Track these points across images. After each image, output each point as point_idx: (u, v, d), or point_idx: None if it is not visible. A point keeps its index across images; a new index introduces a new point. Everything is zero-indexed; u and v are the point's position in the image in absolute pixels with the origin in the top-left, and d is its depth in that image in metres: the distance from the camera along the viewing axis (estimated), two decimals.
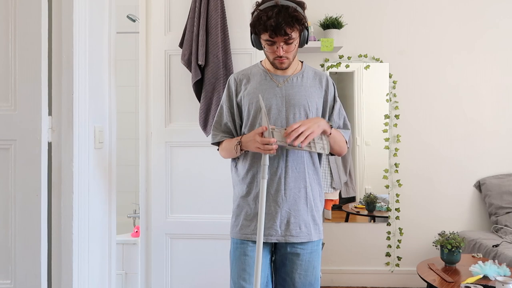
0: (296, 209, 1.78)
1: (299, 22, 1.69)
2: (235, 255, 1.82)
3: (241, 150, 1.77)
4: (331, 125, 1.79)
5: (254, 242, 1.79)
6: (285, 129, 1.67)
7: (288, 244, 1.80)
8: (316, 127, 1.68)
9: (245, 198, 1.82)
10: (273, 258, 1.87)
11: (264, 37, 1.72)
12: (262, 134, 1.67)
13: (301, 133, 1.63)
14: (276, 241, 1.79)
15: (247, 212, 1.81)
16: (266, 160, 1.67)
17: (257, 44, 1.81)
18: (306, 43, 1.82)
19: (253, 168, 1.80)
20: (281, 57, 1.74)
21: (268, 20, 1.65)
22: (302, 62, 1.91)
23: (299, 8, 1.70)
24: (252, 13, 1.75)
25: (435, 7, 3.70)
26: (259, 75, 1.86)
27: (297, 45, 1.77)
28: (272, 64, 1.81)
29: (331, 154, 1.90)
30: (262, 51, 1.84)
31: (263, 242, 1.78)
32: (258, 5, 1.74)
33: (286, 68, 1.81)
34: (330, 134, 1.77)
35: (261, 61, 1.92)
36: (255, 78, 1.85)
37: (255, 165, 1.80)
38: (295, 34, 1.71)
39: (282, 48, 1.72)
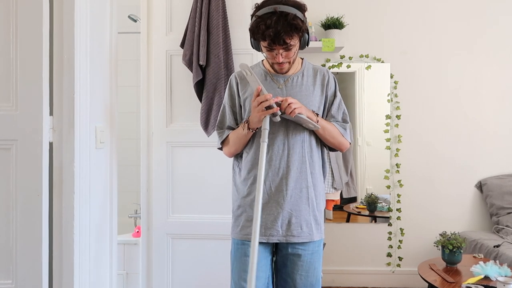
0: (298, 209, 1.78)
1: (298, 30, 1.66)
2: (236, 256, 1.82)
3: (248, 128, 1.75)
4: (317, 114, 1.78)
5: None
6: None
7: (289, 245, 1.79)
8: (303, 107, 1.70)
9: (246, 198, 1.81)
10: (274, 259, 1.87)
11: (263, 44, 1.72)
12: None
13: (290, 104, 1.64)
14: (278, 241, 1.78)
15: (248, 213, 1.81)
16: (266, 124, 1.67)
17: (256, 47, 1.81)
18: (307, 45, 1.81)
19: (254, 169, 1.80)
20: (280, 62, 1.74)
21: (267, 29, 1.63)
22: (302, 59, 1.90)
23: (299, 13, 1.66)
24: (251, 16, 1.74)
25: (437, 8, 3.70)
26: (260, 76, 1.85)
27: (297, 50, 1.76)
28: (272, 67, 1.82)
29: (331, 149, 1.90)
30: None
31: (264, 243, 1.79)
32: (256, 8, 1.71)
33: (286, 72, 1.81)
34: (317, 121, 1.76)
35: (262, 61, 1.92)
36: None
37: (257, 166, 1.79)
38: (294, 42, 1.69)
39: (282, 55, 1.72)
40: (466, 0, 3.69)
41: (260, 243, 1.78)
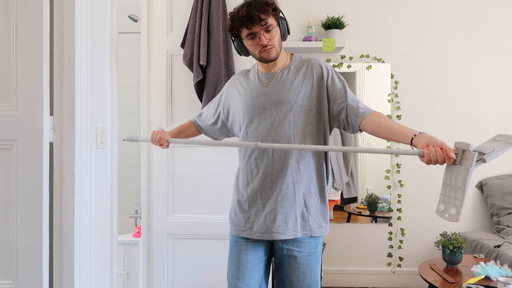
0: (283, 205, 1.74)
1: (270, 5, 1.70)
2: (230, 253, 1.84)
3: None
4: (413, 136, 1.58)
5: (246, 239, 1.81)
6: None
7: (284, 246, 1.78)
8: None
9: (240, 196, 1.86)
10: (272, 258, 1.88)
11: (244, 33, 1.74)
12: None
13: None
14: (261, 238, 1.77)
15: (239, 208, 1.85)
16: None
17: (241, 49, 1.83)
18: (288, 34, 1.83)
19: (251, 184, 1.83)
20: (266, 46, 1.73)
21: (239, 13, 1.70)
22: (292, 54, 1.89)
23: None
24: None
25: (437, 8, 3.70)
26: (253, 76, 1.88)
27: (278, 32, 1.76)
28: (261, 59, 1.78)
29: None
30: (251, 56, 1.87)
31: (255, 241, 1.80)
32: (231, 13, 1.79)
33: (275, 59, 1.78)
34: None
35: (256, 64, 1.93)
36: (249, 80, 1.88)
37: (250, 165, 1.82)
38: (271, 20, 1.72)
39: (264, 37, 1.72)
40: (468, 1, 3.70)
41: (251, 241, 1.80)
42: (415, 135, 1.57)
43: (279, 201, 1.75)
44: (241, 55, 1.86)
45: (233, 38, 1.82)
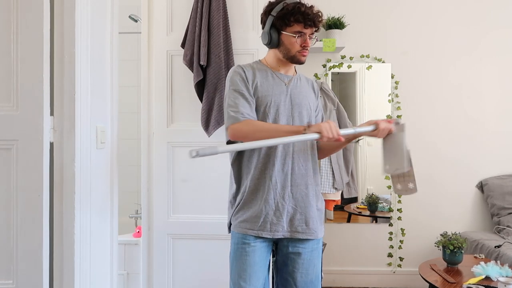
0: (303, 206, 1.79)
1: (321, 21, 1.81)
2: (236, 254, 1.81)
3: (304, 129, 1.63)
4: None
5: (254, 240, 1.77)
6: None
7: (290, 244, 1.80)
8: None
9: (255, 193, 1.79)
10: (274, 259, 1.88)
11: (294, 28, 1.77)
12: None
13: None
14: (282, 237, 1.78)
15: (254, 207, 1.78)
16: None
17: (274, 38, 1.80)
18: None
19: (267, 170, 1.78)
20: (307, 49, 1.80)
21: (304, 10, 1.74)
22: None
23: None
24: (272, 6, 1.80)
25: (438, 8, 3.70)
26: (264, 71, 1.85)
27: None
28: (293, 57, 1.81)
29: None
30: (265, 50, 1.89)
31: (267, 242, 1.79)
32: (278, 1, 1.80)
33: (303, 63, 1.86)
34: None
35: (260, 60, 1.93)
36: (261, 74, 1.84)
37: (269, 165, 1.78)
38: (316, 32, 1.84)
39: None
40: (468, 1, 3.70)
41: (263, 241, 1.78)
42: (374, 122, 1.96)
43: (299, 201, 1.79)
44: (267, 44, 1.82)
45: (271, 26, 1.79)
